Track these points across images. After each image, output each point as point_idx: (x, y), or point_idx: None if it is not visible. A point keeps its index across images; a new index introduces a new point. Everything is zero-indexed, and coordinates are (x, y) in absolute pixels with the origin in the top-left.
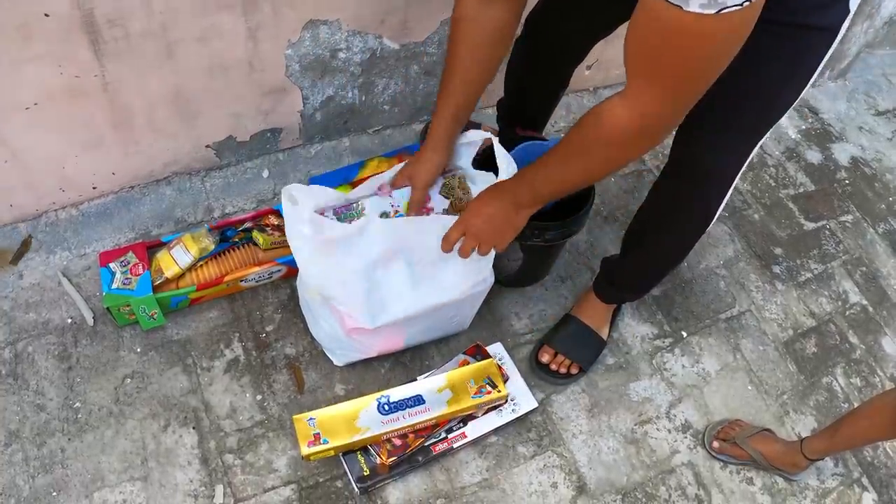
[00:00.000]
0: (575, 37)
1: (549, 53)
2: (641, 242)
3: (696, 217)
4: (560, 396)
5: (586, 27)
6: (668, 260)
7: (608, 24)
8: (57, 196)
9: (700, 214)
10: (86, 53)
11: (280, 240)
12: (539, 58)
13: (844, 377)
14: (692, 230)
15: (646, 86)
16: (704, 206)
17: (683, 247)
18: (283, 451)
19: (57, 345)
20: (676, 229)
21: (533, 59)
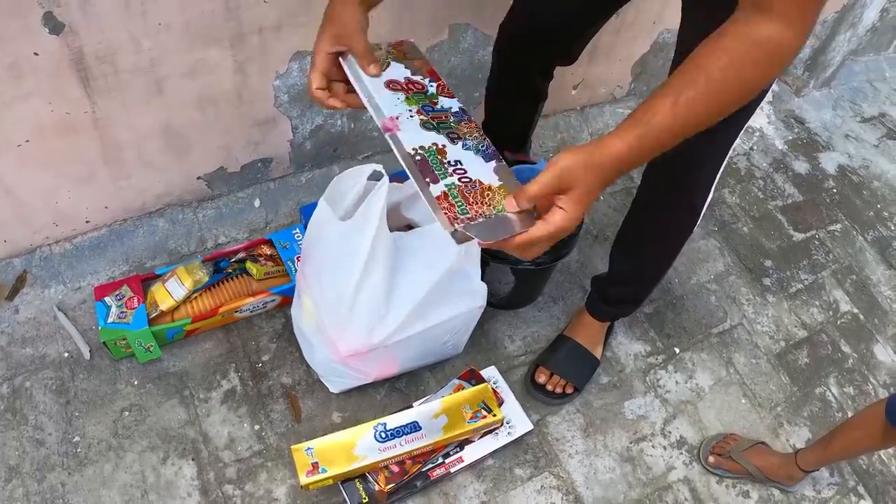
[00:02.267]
0: (540, 57)
1: (520, 74)
2: (629, 251)
3: (683, 215)
4: (555, 417)
5: (549, 48)
6: (658, 265)
7: (568, 43)
8: (51, 230)
9: (686, 211)
10: (76, 90)
11: (273, 270)
12: (512, 78)
13: (838, 386)
14: (679, 230)
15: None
16: (689, 203)
17: (672, 249)
18: (283, 481)
19: (54, 379)
20: (663, 230)
21: (507, 81)
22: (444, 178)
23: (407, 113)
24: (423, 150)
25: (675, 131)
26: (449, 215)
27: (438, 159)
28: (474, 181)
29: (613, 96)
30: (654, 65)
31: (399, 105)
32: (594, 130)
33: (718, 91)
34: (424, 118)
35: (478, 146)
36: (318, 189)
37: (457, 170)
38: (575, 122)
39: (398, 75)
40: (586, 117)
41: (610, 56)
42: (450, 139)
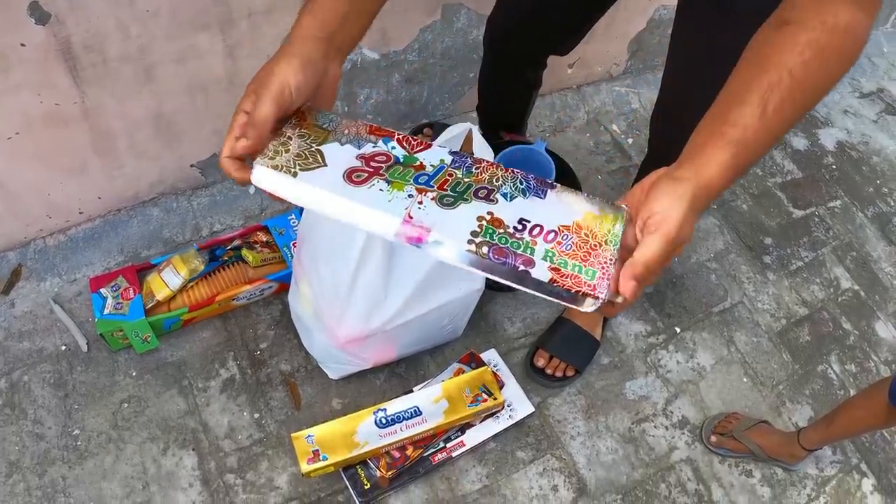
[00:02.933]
0: (534, 50)
1: (512, 66)
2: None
3: None
4: (556, 399)
5: (543, 43)
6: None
7: (564, 39)
8: (44, 223)
9: None
10: (64, 81)
11: (269, 256)
12: (504, 69)
13: (839, 364)
14: None
15: None
16: None
17: None
18: (284, 469)
19: (52, 373)
20: None
21: (499, 71)
22: (533, 251)
23: (410, 203)
24: (480, 237)
25: (767, 144)
26: (583, 292)
27: (504, 235)
28: (560, 230)
29: (610, 74)
30: (650, 42)
31: (391, 199)
32: (590, 109)
33: (805, 89)
34: (434, 194)
35: (517, 186)
36: None
37: (532, 230)
38: (571, 101)
39: (346, 160)
40: (583, 96)
41: (606, 34)
42: (486, 200)
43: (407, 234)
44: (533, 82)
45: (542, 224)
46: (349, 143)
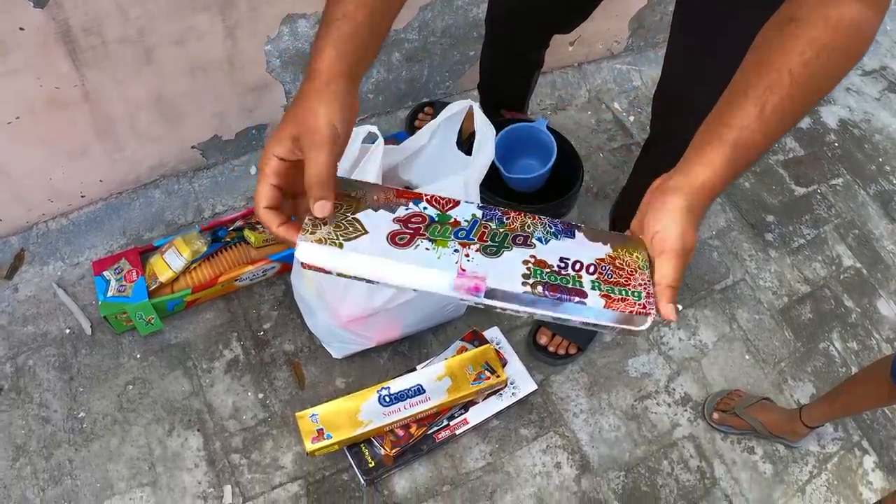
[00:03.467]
0: (537, 30)
1: (515, 46)
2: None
3: None
4: (559, 377)
5: (547, 23)
6: None
7: (569, 19)
8: (46, 207)
9: None
10: (64, 64)
11: (271, 237)
12: (506, 49)
13: (841, 341)
14: None
15: None
16: None
17: None
18: (289, 448)
19: (57, 356)
20: None
21: (501, 51)
22: (581, 284)
23: (458, 256)
24: (531, 278)
25: (765, 144)
26: (636, 311)
27: (552, 273)
28: (598, 263)
29: (611, 52)
30: (651, 19)
31: (439, 256)
32: (592, 87)
33: (806, 89)
34: (477, 246)
35: (548, 230)
36: None
37: (574, 266)
38: (572, 78)
39: (385, 225)
40: (584, 74)
41: (607, 11)
42: (525, 245)
43: (464, 286)
44: (536, 62)
45: (581, 260)
46: (382, 209)
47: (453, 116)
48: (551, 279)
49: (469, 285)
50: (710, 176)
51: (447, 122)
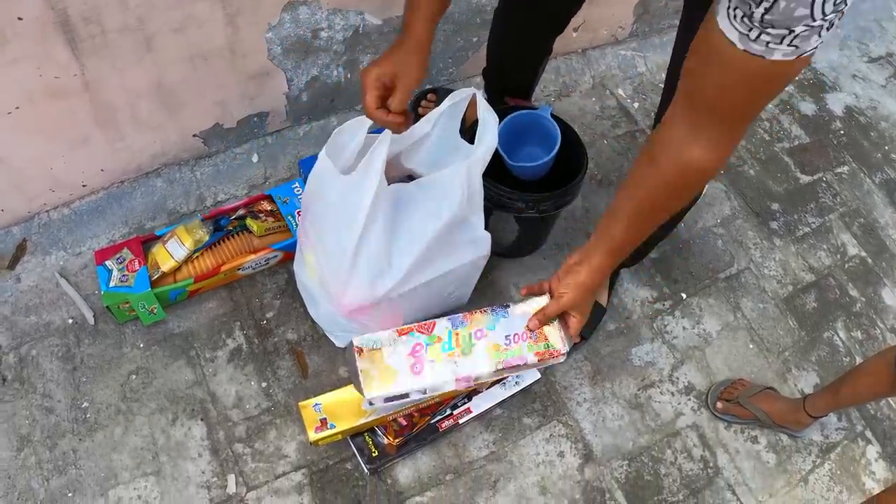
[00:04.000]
0: (554, 11)
1: (529, 28)
2: None
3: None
4: (562, 366)
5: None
6: (661, 228)
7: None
8: (48, 197)
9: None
10: (63, 53)
11: (274, 225)
12: (519, 32)
13: (845, 331)
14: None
15: (729, 130)
16: None
17: (677, 215)
18: (292, 437)
19: (60, 346)
20: None
21: (513, 34)
22: (522, 351)
23: (451, 367)
24: (495, 361)
25: (636, 243)
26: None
27: (504, 352)
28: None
29: (615, 38)
30: (656, 5)
31: (441, 370)
32: (596, 73)
33: (657, 213)
34: (458, 351)
35: (491, 318)
36: (316, 141)
37: (514, 339)
38: (577, 64)
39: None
40: (588, 60)
41: None
42: (484, 337)
43: (460, 386)
44: (547, 49)
45: (517, 332)
46: (395, 348)
47: (457, 104)
48: (505, 356)
49: (464, 384)
50: (600, 263)
51: (451, 110)
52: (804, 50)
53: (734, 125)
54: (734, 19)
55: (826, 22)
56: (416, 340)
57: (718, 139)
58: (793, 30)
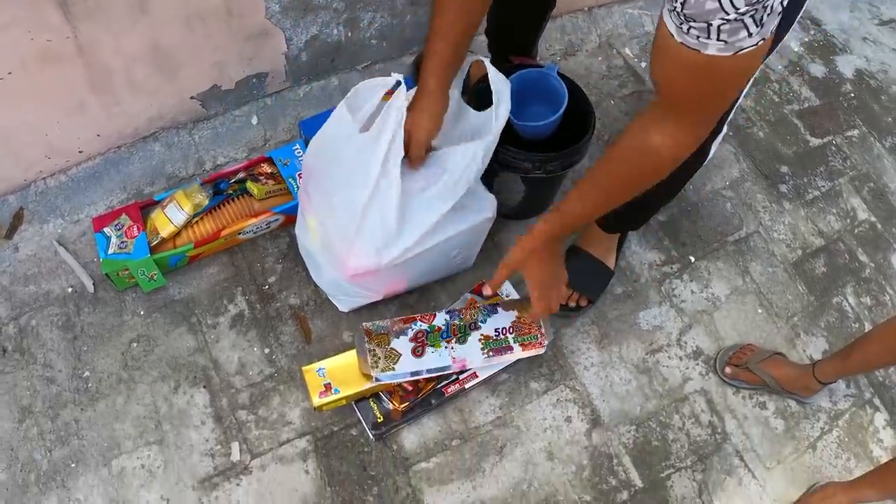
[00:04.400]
0: None
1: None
2: None
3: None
4: (569, 330)
5: None
6: (667, 192)
7: None
8: (44, 164)
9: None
10: (55, 16)
11: (275, 188)
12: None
13: (854, 296)
14: (687, 166)
15: (688, 121)
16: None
17: (680, 179)
18: (296, 404)
19: (60, 315)
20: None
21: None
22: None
23: (449, 351)
24: (485, 349)
25: (588, 219)
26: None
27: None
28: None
29: None
30: None
31: (440, 355)
32: (602, 32)
33: (611, 192)
34: (454, 339)
35: (483, 314)
36: (316, 102)
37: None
38: (582, 23)
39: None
40: (594, 18)
41: None
42: (476, 329)
43: (455, 367)
44: (549, 5)
45: (505, 326)
46: (400, 334)
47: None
48: (494, 345)
49: (459, 366)
50: (544, 227)
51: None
52: (739, 46)
53: (692, 117)
54: (669, 13)
55: (748, 18)
56: (419, 328)
57: (677, 128)
58: (710, 23)
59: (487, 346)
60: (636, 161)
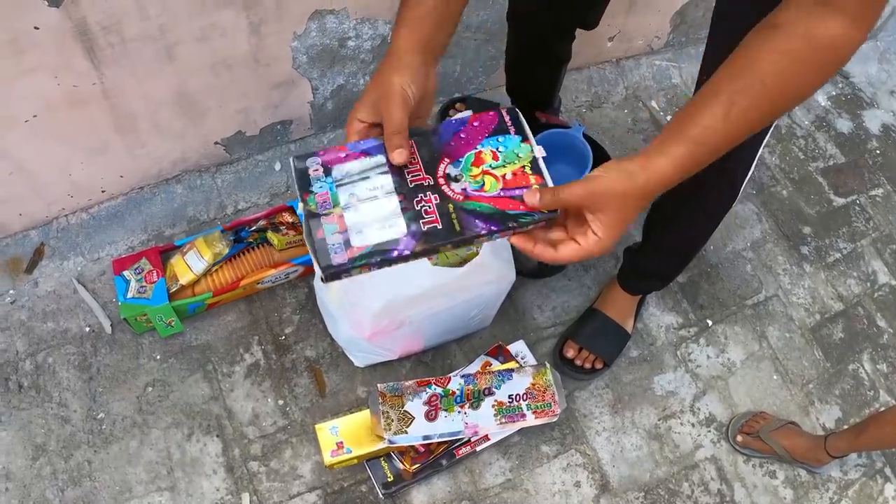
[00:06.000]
0: (561, 21)
1: (539, 40)
2: (664, 225)
3: (721, 194)
4: (583, 392)
5: (570, 13)
6: (694, 242)
7: (585, 19)
8: (66, 202)
9: (725, 190)
10: (82, 62)
11: (295, 239)
12: (530, 43)
13: (871, 363)
14: (717, 207)
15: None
16: (729, 181)
17: (708, 226)
18: (308, 457)
19: (77, 354)
20: (700, 208)
21: (525, 47)
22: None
23: (461, 416)
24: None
25: (727, 144)
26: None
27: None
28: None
29: (650, 48)
30: (694, 15)
31: (453, 420)
32: (629, 84)
33: (774, 98)
34: (468, 405)
35: (499, 380)
36: None
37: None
38: (610, 74)
39: (419, 408)
40: (622, 70)
41: (648, 6)
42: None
43: (468, 432)
44: (563, 56)
45: (519, 392)
46: (415, 397)
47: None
48: (507, 412)
49: (471, 431)
50: (666, 165)
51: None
52: None
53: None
54: None
55: None
56: (433, 392)
57: (853, 6)
58: None
59: (501, 413)
60: (808, 59)
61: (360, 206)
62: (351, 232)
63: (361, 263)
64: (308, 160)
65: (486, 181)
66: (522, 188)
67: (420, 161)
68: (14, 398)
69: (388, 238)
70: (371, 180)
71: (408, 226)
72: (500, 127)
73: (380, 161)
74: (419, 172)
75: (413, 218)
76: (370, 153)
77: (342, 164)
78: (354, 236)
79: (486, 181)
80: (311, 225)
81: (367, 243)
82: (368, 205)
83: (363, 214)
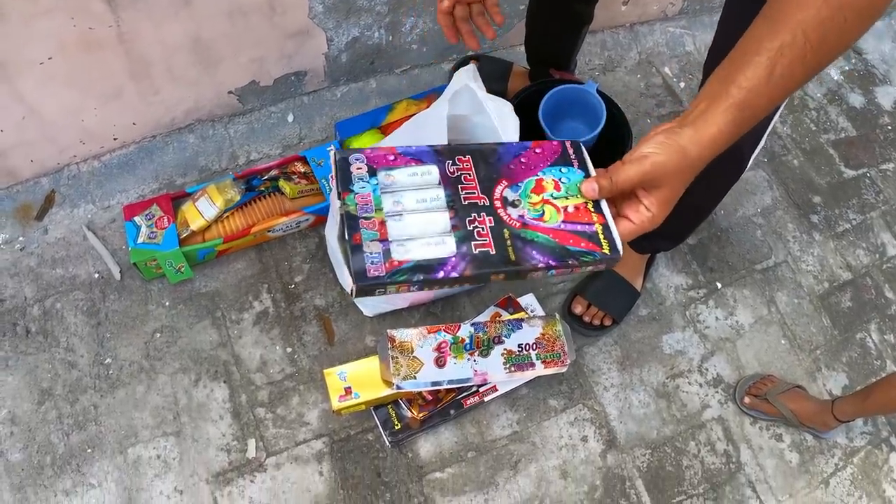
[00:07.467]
0: None
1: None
2: None
3: (729, 164)
4: (592, 349)
5: None
6: (700, 210)
7: None
8: (78, 149)
9: (733, 161)
10: (99, 4)
11: (307, 188)
12: (551, 4)
13: (878, 333)
14: (724, 178)
15: None
16: (738, 152)
17: (716, 195)
18: (314, 404)
19: (85, 300)
20: (708, 177)
21: (549, 6)
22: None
23: (470, 363)
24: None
25: (772, 104)
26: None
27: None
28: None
29: (665, 14)
30: None
31: (461, 366)
32: (643, 49)
33: (818, 50)
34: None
35: (508, 328)
36: (353, 104)
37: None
38: (623, 39)
39: (428, 355)
40: (636, 35)
41: None
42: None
43: (476, 380)
44: (585, 16)
45: (529, 342)
46: (424, 343)
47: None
48: (516, 361)
49: (480, 379)
50: (715, 134)
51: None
52: None
53: None
54: None
55: None
56: (443, 338)
57: None
58: None
59: (510, 362)
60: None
61: (406, 217)
62: (392, 243)
63: (401, 280)
64: (351, 156)
65: (545, 211)
66: (584, 224)
67: (476, 178)
68: (21, 343)
69: (434, 255)
70: (421, 191)
71: (458, 246)
72: (563, 158)
73: (432, 170)
74: (474, 190)
75: (463, 238)
76: (422, 160)
77: (390, 168)
78: (396, 248)
79: (546, 211)
80: (348, 227)
81: (409, 258)
82: (415, 216)
83: (408, 226)
